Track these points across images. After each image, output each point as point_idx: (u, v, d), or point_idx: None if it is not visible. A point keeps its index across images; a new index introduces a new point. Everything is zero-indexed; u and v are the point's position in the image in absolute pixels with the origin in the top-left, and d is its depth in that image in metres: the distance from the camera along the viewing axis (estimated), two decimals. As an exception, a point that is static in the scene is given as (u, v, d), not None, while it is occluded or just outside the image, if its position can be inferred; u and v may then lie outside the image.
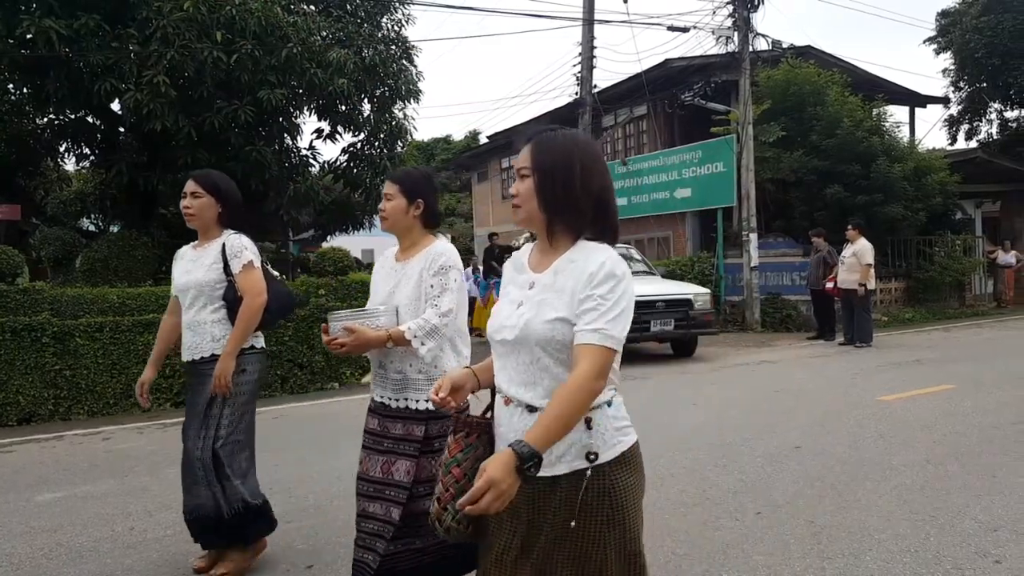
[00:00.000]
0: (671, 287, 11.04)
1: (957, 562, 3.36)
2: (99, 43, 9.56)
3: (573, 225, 1.85)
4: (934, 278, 16.52)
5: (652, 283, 10.96)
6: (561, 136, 1.87)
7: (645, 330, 9.96)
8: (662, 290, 10.61)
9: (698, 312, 10.50)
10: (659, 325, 10.16)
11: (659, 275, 11.97)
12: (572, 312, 1.77)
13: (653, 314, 10.08)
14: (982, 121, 24.28)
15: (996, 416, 6.29)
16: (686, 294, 10.62)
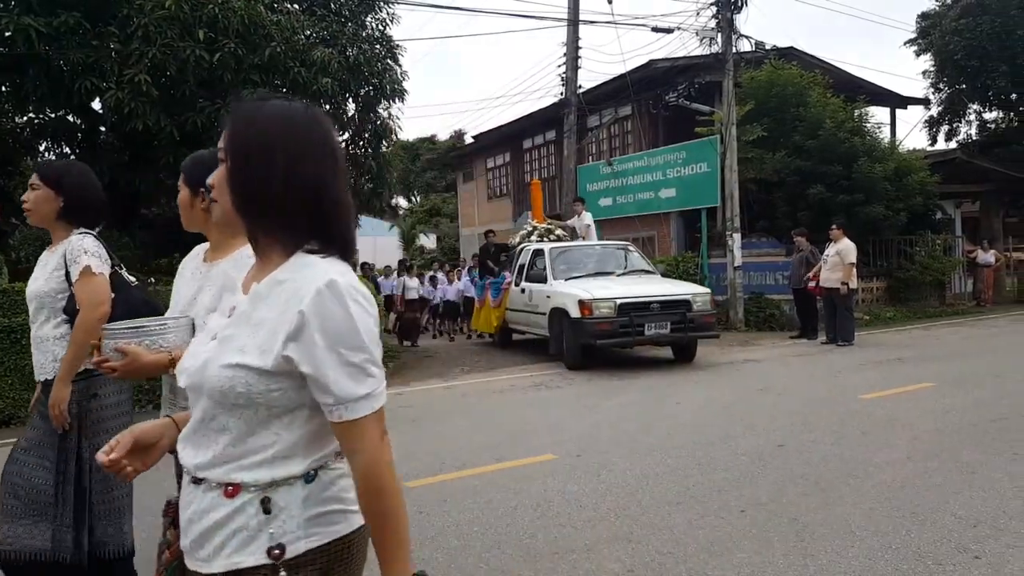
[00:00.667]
0: (668, 287, 10.41)
1: (938, 558, 3.40)
2: (79, 41, 9.47)
3: (279, 231, 1.34)
4: (915, 277, 16.67)
5: (649, 283, 10.48)
6: (269, 108, 1.37)
7: (639, 334, 9.45)
8: (658, 290, 10.01)
9: (697, 314, 9.77)
10: (654, 328, 9.51)
11: (659, 273, 11.53)
12: (268, 359, 1.26)
13: (648, 317, 9.49)
14: (961, 122, 24.53)
15: (975, 413, 6.37)
16: (684, 295, 9.90)
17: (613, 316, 9.38)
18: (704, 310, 9.90)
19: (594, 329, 9.35)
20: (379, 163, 12.82)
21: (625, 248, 11.72)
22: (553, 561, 3.50)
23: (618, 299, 9.47)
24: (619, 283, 10.19)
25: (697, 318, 9.73)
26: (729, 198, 14.48)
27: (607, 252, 11.55)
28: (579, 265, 10.96)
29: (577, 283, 10.22)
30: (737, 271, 14.41)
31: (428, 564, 3.51)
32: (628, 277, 10.63)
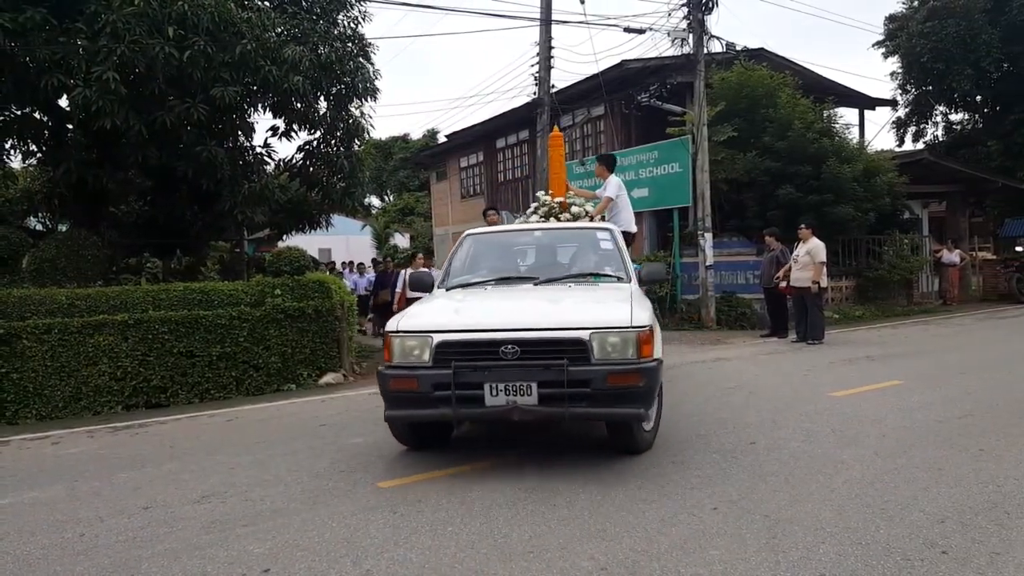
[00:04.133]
0: (556, 312, 5.22)
1: (906, 553, 3.45)
2: (46, 37, 9.31)
3: None
4: (883, 276, 16.93)
5: (520, 297, 5.64)
6: None
7: (472, 403, 4.79)
8: (529, 317, 5.06)
9: (602, 368, 4.73)
10: (504, 393, 4.73)
11: (624, 279, 6.08)
12: None
13: (493, 371, 4.77)
14: (928, 123, 24.99)
15: (942, 410, 6.48)
16: (578, 327, 4.83)
17: (422, 366, 4.88)
18: (619, 361, 4.77)
19: (387, 389, 5.01)
20: (351, 162, 12.74)
21: (596, 238, 6.87)
22: (527, 560, 3.51)
23: (435, 332, 4.93)
24: (499, 299, 5.61)
25: (600, 376, 4.68)
26: (701, 198, 14.60)
27: (566, 242, 7.18)
28: (503, 262, 6.70)
29: (449, 297, 5.88)
30: (709, 270, 14.54)
31: (402, 564, 3.50)
32: (547, 288, 5.84)
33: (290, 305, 9.32)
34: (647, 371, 4.78)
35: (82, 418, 7.94)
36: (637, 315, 4.87)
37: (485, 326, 4.97)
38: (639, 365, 4.76)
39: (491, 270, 6.37)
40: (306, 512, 4.36)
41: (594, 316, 4.98)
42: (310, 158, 12.88)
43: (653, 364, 4.86)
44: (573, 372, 4.66)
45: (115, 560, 3.76)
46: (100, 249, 11.12)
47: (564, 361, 4.66)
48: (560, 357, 4.70)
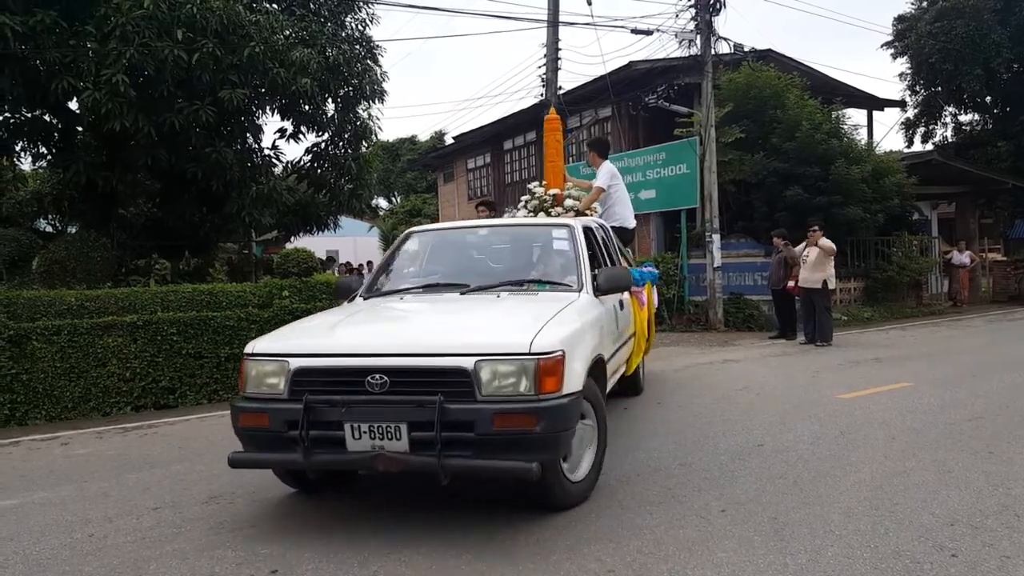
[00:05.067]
0: (436, 332, 4.37)
1: (915, 556, 3.44)
2: (56, 40, 9.35)
3: None
4: (892, 278, 16.86)
5: (416, 312, 5.02)
6: None
7: (331, 446, 3.85)
8: (398, 341, 4.18)
9: (490, 404, 3.71)
10: (368, 436, 3.76)
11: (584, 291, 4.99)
12: None
13: (357, 408, 3.80)
14: (937, 124, 24.85)
15: (951, 413, 6.45)
16: (456, 353, 3.82)
17: (277, 397, 3.98)
18: (510, 397, 3.75)
19: (236, 426, 4.13)
20: (359, 164, 12.78)
21: (550, 238, 5.70)
22: (535, 562, 3.51)
23: (294, 356, 4.01)
24: (392, 313, 4.95)
25: (485, 417, 3.67)
26: (708, 199, 14.57)
27: (515, 242, 6.00)
28: (438, 265, 5.78)
29: (347, 309, 5.11)
30: (716, 272, 14.50)
31: (408, 565, 3.50)
32: (468, 299, 4.87)
33: (298, 306, 9.34)
34: (547, 412, 3.67)
35: (91, 419, 7.97)
36: (545, 337, 3.81)
37: (351, 349, 4.02)
38: (536, 403, 3.67)
39: (421, 275, 5.61)
40: (313, 513, 4.36)
41: (485, 338, 3.92)
42: (318, 160, 12.92)
43: (557, 402, 3.73)
44: (451, 410, 3.63)
45: (124, 560, 3.78)
46: (109, 251, 11.17)
47: (438, 396, 3.64)
48: (435, 390, 3.68)
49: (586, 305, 4.77)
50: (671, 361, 10.42)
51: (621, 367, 6.19)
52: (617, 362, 5.75)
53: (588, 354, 4.25)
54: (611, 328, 5.32)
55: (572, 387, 3.88)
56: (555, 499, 4.14)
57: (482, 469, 3.71)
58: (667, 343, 12.57)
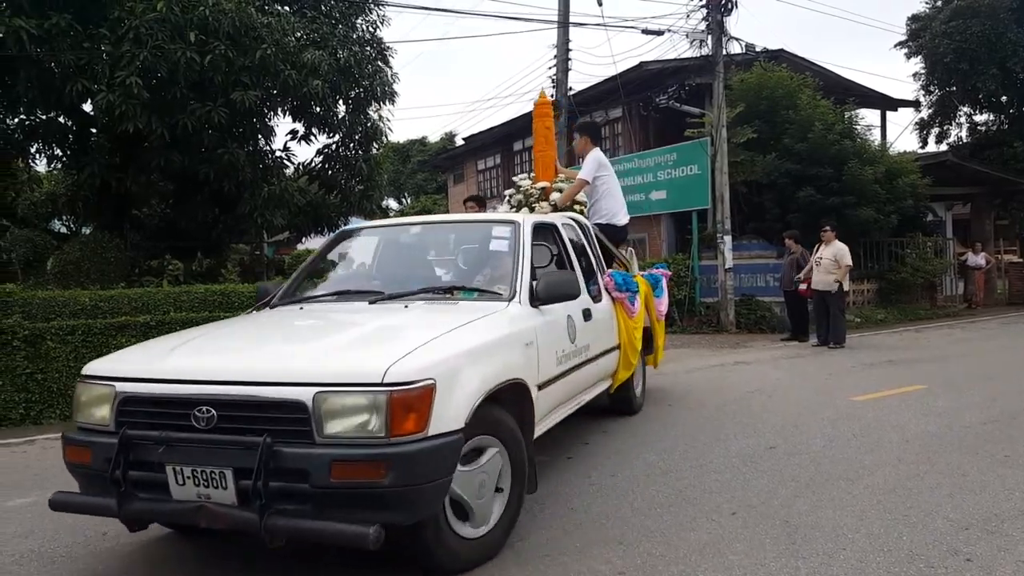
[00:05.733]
0: (280, 355, 3.59)
1: (929, 560, 3.41)
2: (71, 43, 9.44)
3: None
4: (905, 279, 16.76)
5: (287, 327, 4.27)
6: None
7: (148, 490, 3.15)
8: (233, 365, 3.37)
9: (330, 447, 2.94)
10: (193, 483, 3.05)
11: (513, 301, 4.21)
12: None
13: (179, 445, 3.08)
14: (952, 125, 24.67)
15: (967, 416, 6.39)
16: (293, 382, 3.05)
17: (102, 428, 3.32)
18: (355, 439, 2.97)
19: (65, 460, 3.52)
20: (369, 165, 12.82)
21: (489, 237, 4.94)
22: (544, 563, 3.50)
23: (122, 380, 3.35)
24: (252, 329, 4.21)
25: (321, 465, 2.91)
26: (720, 200, 14.52)
27: (450, 242, 5.45)
28: (358, 268, 5.33)
29: (221, 323, 4.65)
30: (728, 273, 14.44)
31: (418, 568, 3.50)
32: (370, 310, 4.18)
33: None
34: (401, 459, 2.90)
35: (104, 419, 8.02)
36: (408, 363, 3.03)
37: (178, 374, 3.27)
38: (386, 448, 2.91)
39: (339, 279, 5.05)
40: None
41: (332, 364, 3.17)
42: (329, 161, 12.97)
43: (419, 446, 2.95)
44: (284, 455, 2.92)
45: (136, 560, 3.80)
46: (123, 251, 11.25)
47: (264, 437, 2.90)
48: (267, 428, 2.97)
49: (510, 318, 4.01)
50: (682, 363, 10.39)
51: (593, 387, 5.51)
52: (575, 384, 4.89)
53: (488, 379, 3.42)
54: (557, 344, 4.45)
55: (447, 425, 3.08)
56: (438, 561, 3.33)
57: (310, 532, 2.92)
58: (678, 344, 12.53)
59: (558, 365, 4.46)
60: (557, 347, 4.45)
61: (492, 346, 3.66)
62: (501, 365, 3.64)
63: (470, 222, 5.66)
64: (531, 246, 4.63)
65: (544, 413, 4.33)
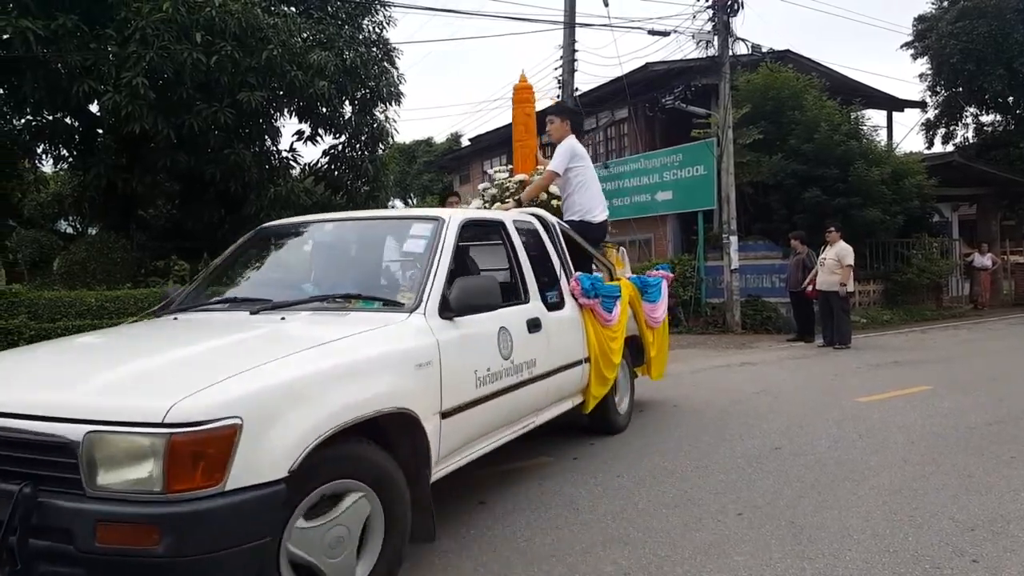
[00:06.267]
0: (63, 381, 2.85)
1: (935, 561, 3.40)
2: (77, 44, 9.47)
3: None
4: (911, 280, 16.71)
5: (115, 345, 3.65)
6: None
7: None
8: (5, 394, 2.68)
9: (98, 503, 2.35)
10: None
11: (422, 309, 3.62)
12: None
13: None
14: (958, 125, 24.59)
15: (972, 417, 6.37)
16: (59, 416, 2.46)
17: None
18: (126, 494, 2.36)
19: None
20: (375, 166, 12.84)
21: (405, 236, 4.32)
22: (550, 564, 3.50)
23: None
24: (77, 348, 3.82)
25: (85, 524, 2.33)
26: (726, 201, 14.50)
27: (361, 240, 4.71)
28: (257, 272, 4.63)
29: (94, 335, 4.37)
30: (734, 274, 14.42)
31: (424, 567, 3.50)
32: (250, 321, 3.67)
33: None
34: (181, 521, 2.32)
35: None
36: (204, 399, 2.43)
37: None
38: (163, 507, 2.33)
39: (236, 284, 4.44)
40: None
41: (112, 398, 2.57)
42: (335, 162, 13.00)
43: (208, 505, 2.36)
44: (47, 507, 2.38)
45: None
46: (129, 252, 11.29)
47: (23, 485, 2.38)
48: (30, 473, 2.44)
49: (401, 334, 3.38)
50: (688, 363, 10.37)
51: (548, 408, 4.86)
52: (512, 407, 4.22)
53: (343, 411, 2.80)
54: (478, 361, 3.81)
55: (260, 475, 2.47)
56: None
57: None
58: (684, 345, 12.51)
59: (479, 387, 3.81)
60: (478, 365, 3.82)
61: (358, 369, 3.02)
62: (371, 392, 3.01)
63: (390, 219, 5.09)
64: (453, 247, 4.00)
65: (458, 444, 3.73)
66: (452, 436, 3.61)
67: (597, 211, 6.08)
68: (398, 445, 3.22)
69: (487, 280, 3.91)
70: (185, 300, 4.30)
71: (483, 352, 3.91)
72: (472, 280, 3.86)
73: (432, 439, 3.36)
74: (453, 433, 3.61)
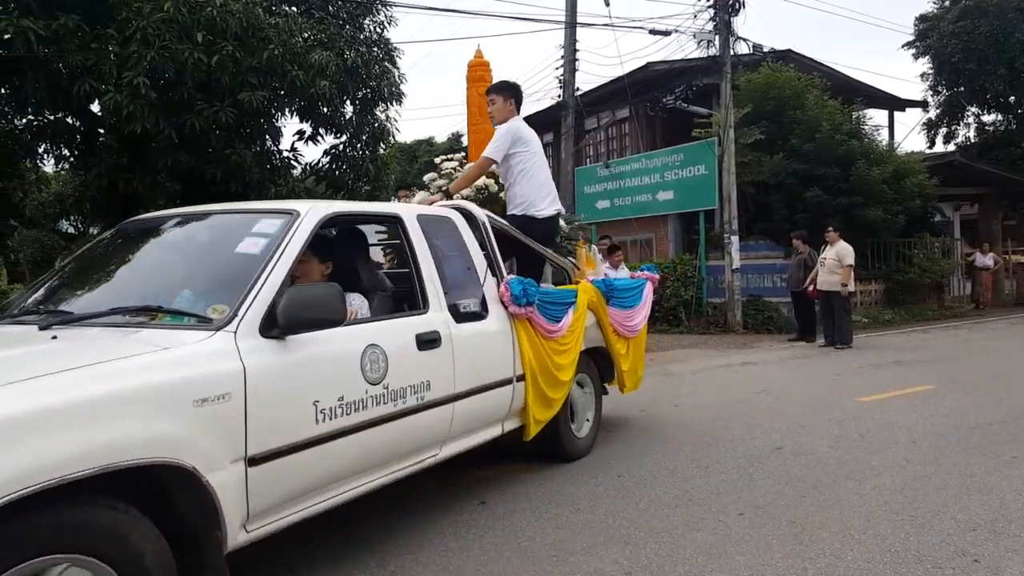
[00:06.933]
0: None
1: (937, 561, 3.40)
2: (78, 44, 9.45)
3: None
4: (913, 280, 16.71)
5: None
6: None
7: None
8: None
9: None
10: None
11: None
12: None
13: None
14: (960, 125, 24.58)
15: (974, 416, 6.37)
16: None
17: None
18: None
19: None
20: (376, 166, 12.81)
21: (243, 234, 3.44)
22: (552, 563, 3.50)
23: None
24: None
25: None
26: (727, 200, 14.50)
27: (193, 240, 3.98)
28: (96, 276, 3.86)
29: None
30: (735, 273, 14.42)
31: (425, 566, 3.50)
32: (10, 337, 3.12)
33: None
34: None
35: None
36: None
37: None
38: None
39: (59, 291, 3.73)
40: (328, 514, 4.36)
41: None
42: (336, 162, 12.97)
43: None
44: None
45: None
46: (130, 252, 11.26)
47: None
48: None
49: (178, 361, 2.67)
50: (689, 363, 10.38)
51: (448, 442, 4.03)
52: (380, 444, 3.45)
53: (46, 468, 2.12)
54: (320, 390, 3.07)
55: None
56: None
57: None
58: (685, 345, 12.52)
59: (324, 422, 3.06)
60: (322, 395, 3.06)
61: (95, 409, 2.33)
62: (109, 438, 2.31)
63: (239, 213, 3.96)
64: (300, 249, 3.29)
65: (285, 495, 2.97)
66: (271, 487, 2.87)
67: (543, 204, 5.25)
68: (180, 504, 2.60)
69: (326, 289, 3.13)
70: (15, 306, 3.66)
71: (332, 377, 3.16)
72: (306, 289, 3.10)
73: (225, 494, 2.62)
74: (272, 484, 2.87)
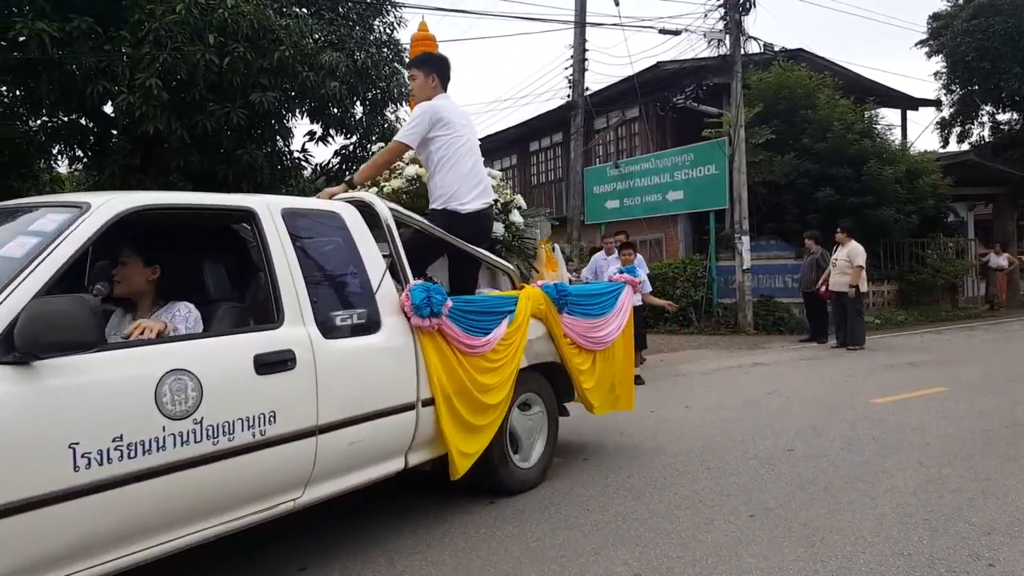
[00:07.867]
0: None
1: (951, 565, 3.37)
2: (91, 46, 9.53)
3: None
4: (926, 280, 16.59)
5: None
6: None
7: None
8: None
9: None
10: None
11: None
12: None
13: None
14: (974, 124, 24.39)
15: (988, 419, 6.31)
16: None
17: None
18: None
19: None
20: (387, 166, 12.83)
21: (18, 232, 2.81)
22: (561, 564, 3.49)
23: None
24: None
25: None
26: (737, 200, 14.44)
27: None
28: None
29: None
30: (746, 274, 14.36)
31: (435, 565, 3.50)
32: None
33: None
34: None
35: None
36: None
37: None
38: None
39: None
40: (338, 513, 4.37)
41: None
42: (346, 162, 13.02)
43: None
44: None
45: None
46: (141, 252, 11.33)
47: None
48: None
49: None
50: (699, 364, 10.34)
51: (290, 490, 3.28)
52: (197, 491, 2.86)
53: None
54: (76, 429, 2.48)
55: None
56: None
57: None
58: (695, 346, 12.48)
59: (84, 470, 2.48)
60: (85, 435, 2.49)
61: None
62: None
63: (18, 209, 3.20)
64: (75, 251, 2.69)
65: (33, 561, 2.38)
66: (7, 550, 2.31)
67: (467, 197, 4.46)
68: None
69: (70, 303, 2.47)
70: None
71: (103, 412, 2.57)
72: (51, 304, 2.45)
73: None
74: (8, 546, 2.31)
